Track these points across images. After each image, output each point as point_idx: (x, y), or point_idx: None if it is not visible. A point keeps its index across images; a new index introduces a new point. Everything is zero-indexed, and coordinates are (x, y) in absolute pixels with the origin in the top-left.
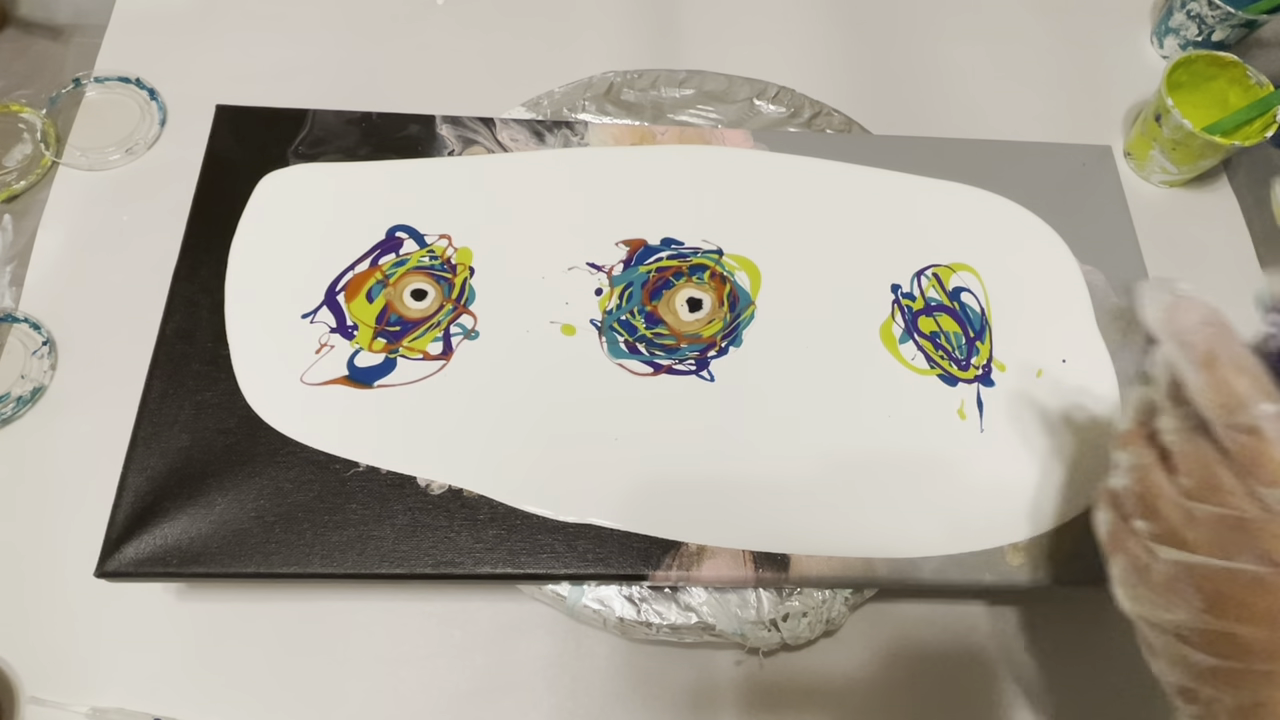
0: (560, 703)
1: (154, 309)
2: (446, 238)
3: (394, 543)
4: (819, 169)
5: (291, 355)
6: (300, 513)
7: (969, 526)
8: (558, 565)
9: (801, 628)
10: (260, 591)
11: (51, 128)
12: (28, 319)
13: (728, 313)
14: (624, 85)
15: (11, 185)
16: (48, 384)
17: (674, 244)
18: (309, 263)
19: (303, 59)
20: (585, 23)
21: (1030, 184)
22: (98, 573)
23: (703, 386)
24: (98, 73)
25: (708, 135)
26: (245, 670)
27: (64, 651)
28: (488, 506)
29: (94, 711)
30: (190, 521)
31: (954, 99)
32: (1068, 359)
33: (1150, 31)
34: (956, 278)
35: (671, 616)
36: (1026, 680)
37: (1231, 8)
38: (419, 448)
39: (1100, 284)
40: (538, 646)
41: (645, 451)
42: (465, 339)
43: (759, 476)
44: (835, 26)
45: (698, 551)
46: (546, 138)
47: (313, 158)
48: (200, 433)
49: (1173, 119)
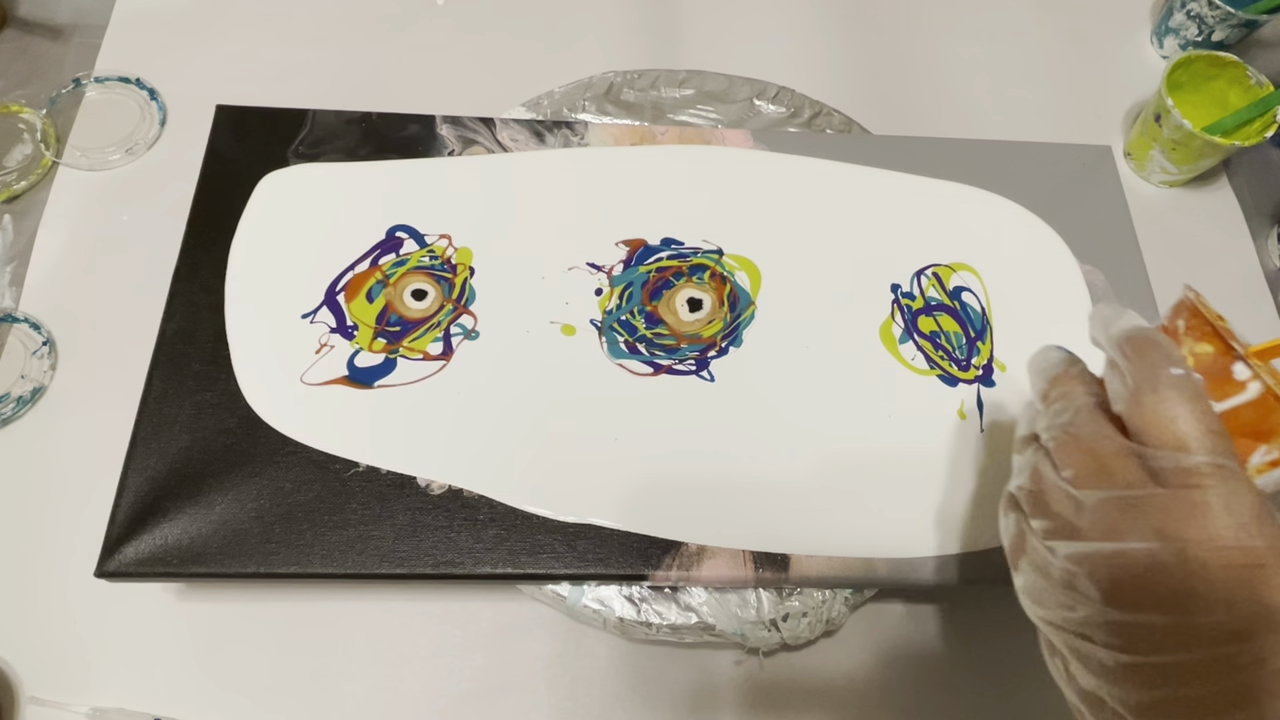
0: (560, 703)
1: (154, 309)
2: (446, 238)
3: (394, 543)
4: (819, 169)
5: (291, 355)
6: (300, 513)
7: (969, 527)
8: (558, 565)
9: (801, 628)
10: (260, 591)
11: (51, 128)
12: (28, 319)
13: (728, 313)
14: (624, 85)
15: (11, 185)
16: (48, 384)
17: (674, 244)
18: (309, 263)
19: (303, 59)
20: (585, 23)
21: (1030, 184)
22: (98, 573)
23: (703, 386)
24: (98, 73)
25: (708, 135)
26: (245, 670)
27: (64, 651)
28: (488, 506)
29: (94, 711)
30: (190, 521)
31: (954, 99)
32: None
33: (1150, 31)
34: (957, 277)
35: (671, 616)
36: (1026, 679)
37: (1231, 8)
38: (419, 448)
39: (1100, 284)
40: (538, 646)
41: (645, 451)
42: (465, 339)
43: (759, 476)
44: (835, 26)
45: (698, 551)
46: (546, 138)
47: (313, 158)
48: (200, 433)
49: (1173, 119)
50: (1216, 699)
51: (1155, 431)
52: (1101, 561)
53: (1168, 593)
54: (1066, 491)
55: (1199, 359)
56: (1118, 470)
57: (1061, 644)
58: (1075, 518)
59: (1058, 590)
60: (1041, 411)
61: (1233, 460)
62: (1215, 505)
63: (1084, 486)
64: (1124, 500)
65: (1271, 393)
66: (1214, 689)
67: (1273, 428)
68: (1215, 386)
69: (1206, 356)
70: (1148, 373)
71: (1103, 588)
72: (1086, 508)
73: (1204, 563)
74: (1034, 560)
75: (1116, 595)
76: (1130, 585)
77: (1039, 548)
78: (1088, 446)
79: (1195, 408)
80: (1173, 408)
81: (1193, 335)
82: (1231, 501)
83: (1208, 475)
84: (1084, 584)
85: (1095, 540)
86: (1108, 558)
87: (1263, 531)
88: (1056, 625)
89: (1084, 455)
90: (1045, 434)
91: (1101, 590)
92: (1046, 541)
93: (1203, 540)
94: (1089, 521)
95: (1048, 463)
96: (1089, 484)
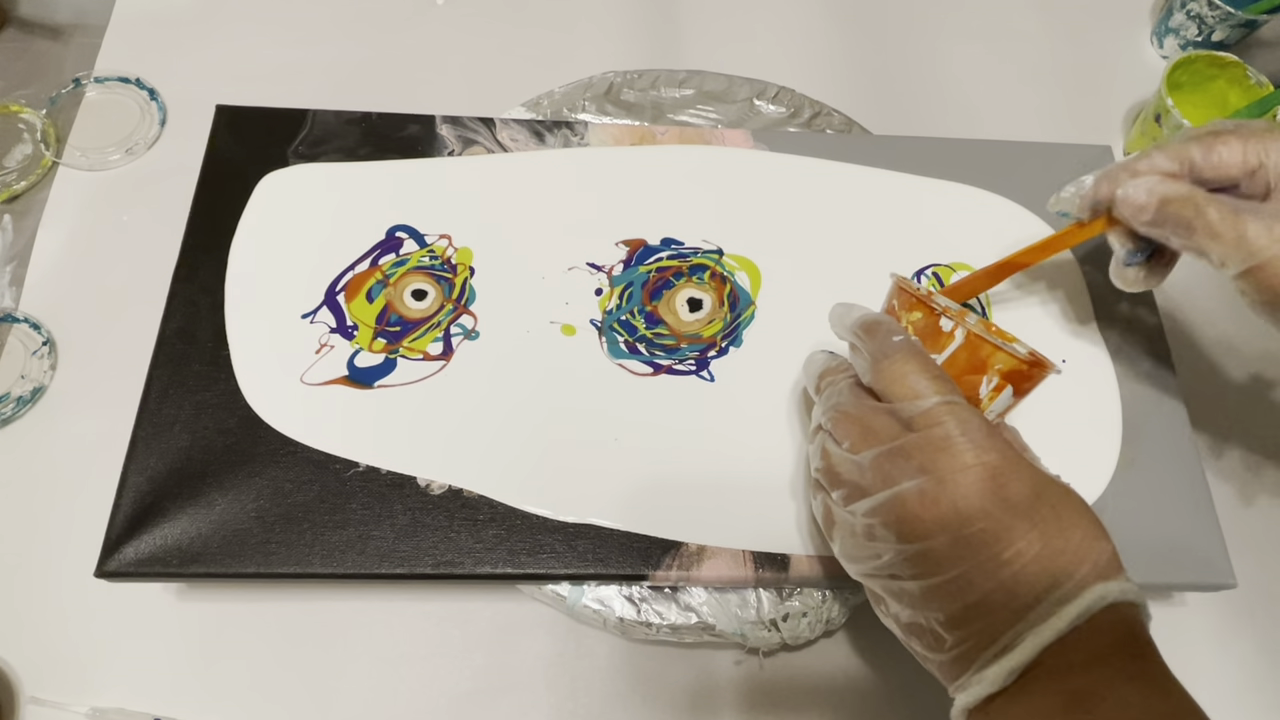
0: (560, 703)
1: (154, 309)
2: (447, 238)
3: (394, 543)
4: (819, 169)
5: (291, 355)
6: (300, 513)
7: None
8: (558, 565)
9: (801, 628)
10: (260, 591)
11: (51, 128)
12: (28, 319)
13: (728, 313)
14: (624, 85)
15: (11, 185)
16: (48, 384)
17: (674, 244)
18: (309, 263)
19: (303, 59)
20: (585, 23)
21: (1030, 184)
22: (98, 573)
23: (703, 386)
24: (98, 73)
25: (708, 135)
26: (245, 670)
27: (64, 651)
28: (488, 506)
29: (94, 711)
30: (190, 521)
31: (954, 99)
32: (1068, 359)
33: (1150, 31)
34: (957, 277)
35: (671, 616)
36: None
37: (1231, 8)
38: (419, 448)
39: (1100, 284)
40: (538, 646)
41: (645, 452)
42: (465, 339)
43: (759, 476)
44: (835, 26)
45: (698, 551)
46: (546, 138)
47: (313, 158)
48: (200, 433)
49: (1173, 119)
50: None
51: (896, 389)
52: (888, 507)
53: (940, 517)
54: (849, 459)
55: (914, 325)
56: (879, 429)
57: (880, 589)
58: (860, 479)
59: (863, 543)
60: (818, 402)
61: (958, 395)
62: (954, 435)
63: (859, 450)
64: (890, 451)
65: (971, 334)
66: (994, 584)
67: (984, 360)
68: (932, 342)
69: (919, 322)
70: (878, 345)
71: (894, 529)
72: (866, 467)
73: (957, 483)
74: (841, 527)
75: (905, 532)
76: (912, 520)
77: (843, 514)
78: (854, 416)
79: (919, 362)
80: (902, 365)
81: (905, 308)
82: (965, 429)
83: (943, 412)
84: (880, 531)
85: (879, 491)
86: (891, 503)
87: (993, 445)
88: (871, 574)
89: (853, 424)
90: (823, 418)
91: (894, 531)
92: (847, 507)
93: (952, 466)
94: (870, 478)
95: (830, 440)
96: (862, 446)
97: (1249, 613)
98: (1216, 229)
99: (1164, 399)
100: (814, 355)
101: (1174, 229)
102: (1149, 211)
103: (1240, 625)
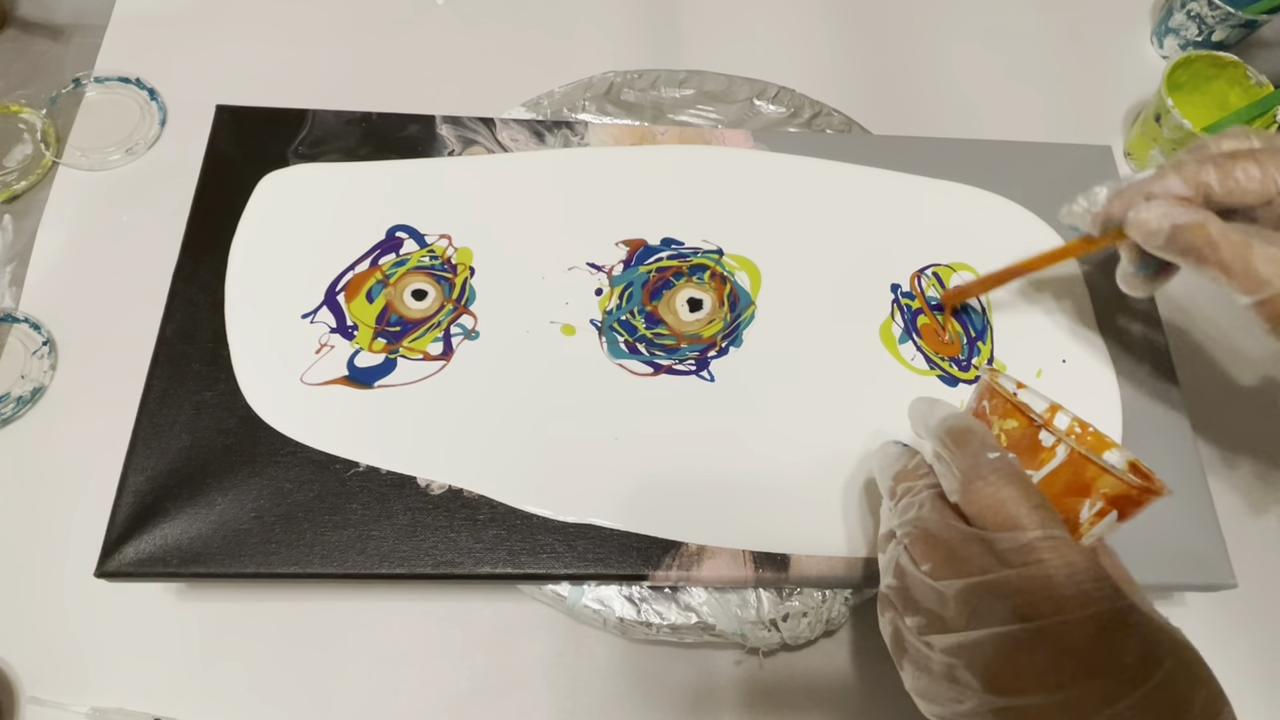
0: (560, 703)
1: (154, 309)
2: (447, 238)
3: (394, 543)
4: (819, 169)
5: (291, 355)
6: (300, 513)
7: None
8: (558, 565)
9: (801, 628)
10: (260, 591)
11: (51, 128)
12: (28, 319)
13: (728, 313)
14: (624, 85)
15: (11, 185)
16: (48, 384)
17: (674, 244)
18: (309, 263)
19: (302, 59)
20: (585, 23)
21: (1030, 184)
22: (98, 573)
23: (703, 386)
24: (98, 73)
25: (708, 135)
26: (245, 670)
27: (64, 651)
28: (488, 506)
29: (94, 711)
30: (190, 521)
31: (954, 99)
32: (1068, 359)
33: (1150, 31)
34: (957, 277)
35: (671, 616)
36: None
37: (1231, 8)
38: (419, 448)
39: (1101, 286)
40: (538, 646)
41: (645, 452)
42: (465, 339)
43: (759, 476)
44: (835, 26)
45: (698, 551)
46: (546, 138)
47: (313, 158)
48: (200, 433)
49: (1173, 119)
50: None
51: (990, 515)
52: (974, 651)
53: (1038, 672)
54: (929, 584)
55: (1009, 434)
56: (967, 558)
57: None
58: (942, 610)
59: (942, 685)
60: (893, 508)
61: (1061, 529)
62: (1057, 577)
63: (942, 577)
64: (980, 586)
65: (1075, 453)
66: None
67: (1088, 482)
68: (1029, 457)
69: (1015, 430)
70: (970, 461)
71: (980, 676)
72: (950, 599)
73: (1059, 635)
74: (915, 658)
75: (994, 682)
76: (1004, 670)
77: (917, 645)
78: (938, 538)
79: (1018, 488)
80: (999, 491)
81: (998, 413)
82: (1071, 572)
83: (1045, 549)
84: (964, 675)
85: (963, 630)
86: (978, 646)
87: (1102, 593)
88: (949, 719)
89: (936, 547)
90: (899, 530)
91: (980, 678)
92: (922, 637)
93: (1054, 614)
94: (954, 612)
95: (907, 557)
96: (945, 574)
97: (1249, 613)
98: (1227, 262)
99: (1164, 400)
100: (886, 447)
101: (1184, 257)
102: (1160, 237)
103: (1240, 626)
